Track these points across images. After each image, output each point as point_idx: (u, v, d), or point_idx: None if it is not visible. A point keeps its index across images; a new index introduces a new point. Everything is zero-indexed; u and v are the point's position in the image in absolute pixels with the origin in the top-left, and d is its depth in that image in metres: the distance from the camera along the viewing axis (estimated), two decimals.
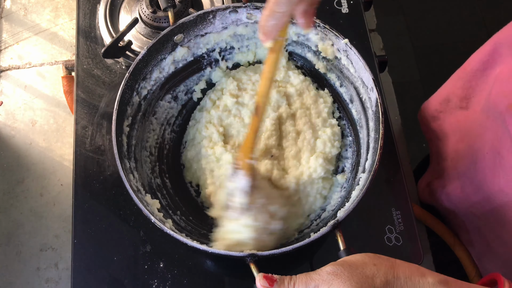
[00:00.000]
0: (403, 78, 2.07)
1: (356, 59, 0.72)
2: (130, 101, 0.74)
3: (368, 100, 0.72)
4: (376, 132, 0.69)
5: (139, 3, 0.93)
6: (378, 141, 0.67)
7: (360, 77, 0.73)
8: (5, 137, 0.95)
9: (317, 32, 0.76)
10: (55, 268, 0.85)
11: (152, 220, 0.63)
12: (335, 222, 0.61)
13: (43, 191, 0.91)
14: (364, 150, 0.74)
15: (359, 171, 0.73)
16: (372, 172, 0.64)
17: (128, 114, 0.74)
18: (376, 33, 1.06)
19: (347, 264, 0.49)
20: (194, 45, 0.81)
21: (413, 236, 0.79)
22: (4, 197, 0.90)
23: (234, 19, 0.79)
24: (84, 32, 0.95)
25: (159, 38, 0.75)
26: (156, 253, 0.77)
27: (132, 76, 0.74)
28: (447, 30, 2.08)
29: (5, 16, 1.06)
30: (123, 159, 0.68)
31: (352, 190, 0.71)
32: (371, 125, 0.72)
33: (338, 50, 0.75)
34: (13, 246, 0.87)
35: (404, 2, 2.20)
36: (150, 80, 0.78)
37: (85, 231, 0.78)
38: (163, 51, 0.78)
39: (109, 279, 0.75)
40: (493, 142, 0.73)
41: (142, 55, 0.74)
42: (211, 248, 0.61)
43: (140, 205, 0.63)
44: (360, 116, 0.77)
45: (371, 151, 0.70)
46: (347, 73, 0.77)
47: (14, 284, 0.84)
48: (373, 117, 0.71)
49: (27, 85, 0.99)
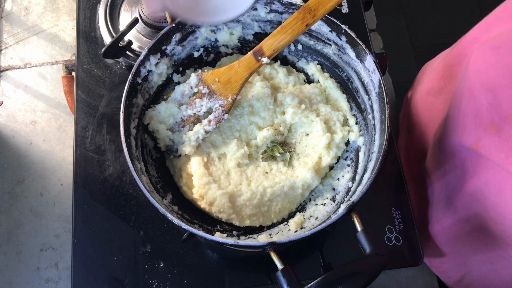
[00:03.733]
0: (403, 78, 2.07)
1: (356, 42, 0.73)
2: (134, 103, 0.74)
3: (371, 82, 0.73)
4: (381, 113, 0.69)
5: (139, 3, 0.93)
6: (384, 122, 0.67)
7: (361, 60, 0.74)
8: (5, 137, 0.95)
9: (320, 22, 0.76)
10: (55, 268, 0.85)
11: (170, 217, 0.61)
12: (350, 204, 0.61)
13: (43, 191, 0.91)
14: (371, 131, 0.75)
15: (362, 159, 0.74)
16: (382, 153, 0.64)
17: (134, 116, 0.74)
18: (376, 33, 1.06)
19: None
20: (189, 43, 0.81)
21: (413, 236, 0.79)
22: (4, 197, 0.90)
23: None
24: (84, 32, 0.95)
25: (159, 38, 0.75)
26: (156, 253, 0.77)
27: (135, 77, 0.74)
28: (447, 30, 2.08)
29: (5, 16, 1.06)
30: (134, 160, 0.68)
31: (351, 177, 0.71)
32: (375, 107, 0.72)
33: (338, 36, 0.76)
34: (13, 246, 0.87)
35: (404, 2, 2.20)
36: (152, 81, 0.78)
37: (85, 231, 0.78)
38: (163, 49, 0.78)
39: (109, 279, 0.75)
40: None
41: (143, 55, 0.74)
42: (239, 241, 0.61)
43: (156, 204, 0.62)
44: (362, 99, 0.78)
45: (378, 132, 0.71)
46: (347, 58, 0.77)
47: (14, 284, 0.84)
48: (377, 99, 0.71)
49: (27, 86, 0.99)
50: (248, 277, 0.77)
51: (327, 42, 0.78)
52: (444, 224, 0.82)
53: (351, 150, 0.79)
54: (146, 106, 0.78)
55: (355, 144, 0.78)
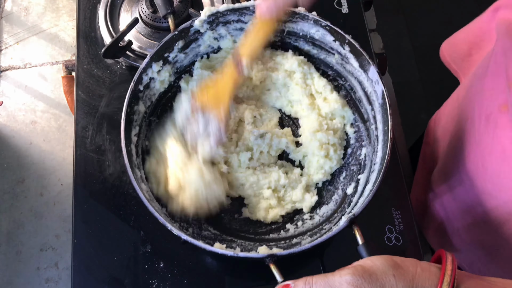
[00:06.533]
0: (403, 78, 2.07)
1: (359, 53, 0.73)
2: (136, 110, 0.74)
3: (374, 93, 0.73)
4: (384, 124, 0.69)
5: (139, 3, 0.93)
6: (387, 133, 0.67)
7: (365, 70, 0.74)
8: (5, 137, 0.95)
9: (318, 29, 0.76)
10: (55, 268, 0.85)
11: (169, 227, 0.61)
12: (351, 217, 0.61)
13: (43, 191, 0.91)
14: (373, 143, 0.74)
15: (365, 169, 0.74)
16: (384, 164, 0.64)
17: (135, 123, 0.74)
18: (376, 33, 1.06)
19: (367, 274, 0.46)
20: (191, 50, 0.81)
21: (413, 236, 0.79)
22: (4, 197, 0.90)
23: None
24: (84, 32, 0.95)
25: (162, 45, 0.75)
26: (156, 253, 0.77)
27: (136, 84, 0.73)
28: (447, 30, 2.09)
29: (5, 17, 1.06)
30: (134, 168, 0.68)
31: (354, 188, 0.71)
32: (378, 118, 0.72)
33: (341, 46, 0.75)
34: (13, 246, 0.87)
35: (404, 2, 2.21)
36: (154, 89, 0.78)
37: (85, 231, 0.78)
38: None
39: (109, 279, 0.75)
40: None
41: (145, 63, 0.74)
42: (238, 253, 0.60)
43: (156, 214, 0.62)
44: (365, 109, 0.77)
45: (380, 144, 0.70)
46: (350, 68, 0.77)
47: (14, 284, 0.84)
48: (380, 109, 0.71)
49: (27, 86, 0.99)
50: (248, 277, 0.77)
51: (330, 51, 0.78)
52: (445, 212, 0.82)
53: (354, 162, 0.78)
54: (148, 114, 0.77)
55: (358, 155, 0.78)
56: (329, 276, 0.47)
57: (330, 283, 0.47)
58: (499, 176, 0.69)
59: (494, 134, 0.68)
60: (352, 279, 0.46)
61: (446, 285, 0.44)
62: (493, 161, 0.69)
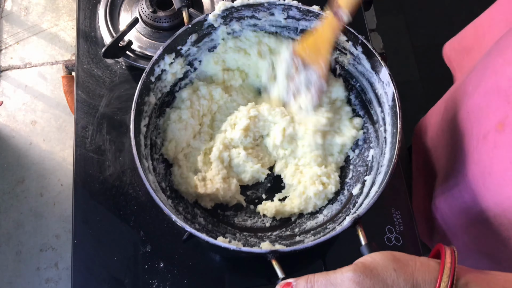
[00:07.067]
0: (403, 78, 2.07)
1: (372, 54, 0.73)
2: (146, 101, 0.74)
3: (384, 95, 0.73)
4: (393, 126, 0.69)
5: (139, 3, 0.93)
6: (396, 136, 0.67)
7: (376, 72, 0.74)
8: (5, 137, 0.95)
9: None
10: (55, 268, 0.85)
11: (174, 219, 0.61)
12: (355, 217, 0.61)
13: (43, 191, 0.91)
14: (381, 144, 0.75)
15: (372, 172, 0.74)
16: (391, 167, 0.64)
17: (145, 114, 0.74)
18: (376, 33, 1.06)
19: (368, 270, 0.46)
20: (204, 44, 0.81)
21: (413, 236, 0.79)
22: (4, 197, 0.90)
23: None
24: (84, 32, 0.95)
25: (175, 38, 0.75)
26: (156, 253, 0.77)
27: (148, 75, 0.73)
28: (447, 30, 2.09)
29: (5, 16, 1.06)
30: (142, 159, 0.68)
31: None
32: (387, 120, 0.72)
33: (354, 46, 0.75)
34: (13, 246, 0.87)
35: (404, 2, 2.20)
36: (165, 81, 0.78)
37: (85, 231, 0.78)
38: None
39: (109, 279, 0.75)
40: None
41: (158, 54, 0.74)
42: (241, 247, 0.60)
43: (161, 205, 0.62)
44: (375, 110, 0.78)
45: (388, 146, 0.70)
46: (362, 68, 0.77)
47: (14, 284, 0.84)
48: (390, 111, 0.71)
49: (27, 86, 0.99)
50: (248, 277, 0.77)
51: (342, 51, 0.78)
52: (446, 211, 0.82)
53: (361, 164, 0.78)
54: (158, 105, 0.78)
55: (366, 157, 0.78)
56: (330, 274, 0.47)
57: (331, 281, 0.46)
58: (501, 195, 0.67)
59: (493, 155, 0.67)
60: (353, 276, 0.46)
61: (446, 277, 0.44)
62: (494, 181, 0.68)
